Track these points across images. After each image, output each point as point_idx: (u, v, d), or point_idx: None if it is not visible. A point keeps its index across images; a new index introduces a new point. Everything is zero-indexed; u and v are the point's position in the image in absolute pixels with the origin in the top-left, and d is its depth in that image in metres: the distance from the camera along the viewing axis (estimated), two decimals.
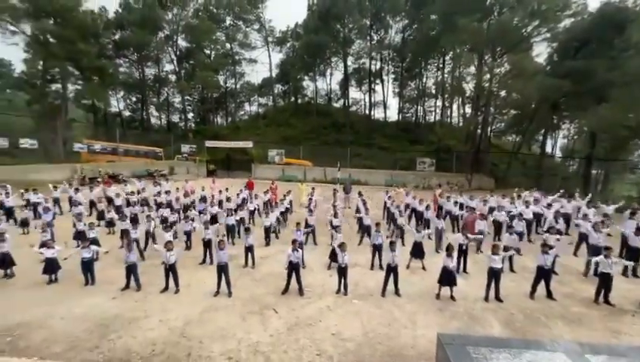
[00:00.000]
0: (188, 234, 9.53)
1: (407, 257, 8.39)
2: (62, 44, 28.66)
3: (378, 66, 41.71)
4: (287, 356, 4.69)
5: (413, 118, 43.84)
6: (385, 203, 13.26)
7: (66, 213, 12.57)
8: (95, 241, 7.97)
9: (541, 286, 6.75)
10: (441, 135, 34.01)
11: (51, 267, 6.89)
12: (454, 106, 42.69)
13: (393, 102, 74.70)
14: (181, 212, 11.71)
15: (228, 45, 44.68)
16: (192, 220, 9.84)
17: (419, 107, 43.61)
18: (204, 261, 8.35)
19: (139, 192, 14.34)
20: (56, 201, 12.79)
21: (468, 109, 34.15)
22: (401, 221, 9.68)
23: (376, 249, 8.17)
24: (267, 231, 10.04)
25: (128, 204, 13.08)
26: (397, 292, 6.73)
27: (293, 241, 6.94)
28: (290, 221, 12.33)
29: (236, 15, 43.58)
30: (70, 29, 28.74)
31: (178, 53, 42.76)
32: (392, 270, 6.71)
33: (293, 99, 48.39)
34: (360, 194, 13.68)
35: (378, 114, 45.47)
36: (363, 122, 41.82)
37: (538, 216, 11.48)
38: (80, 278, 6.91)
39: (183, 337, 5.10)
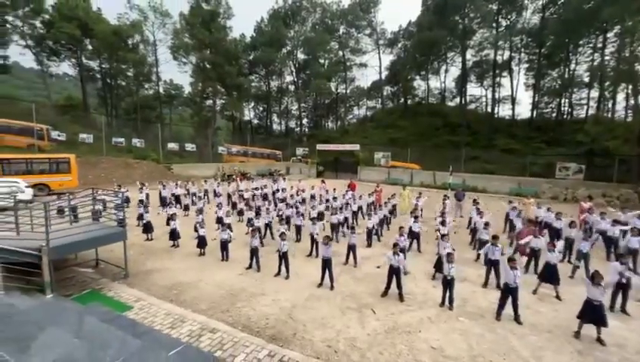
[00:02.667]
0: (298, 227, 10.59)
1: (534, 280, 7.05)
2: (214, 68, 36.26)
3: (506, 56, 36.10)
4: (382, 357, 4.68)
5: (554, 115, 35.98)
6: (507, 214, 11.41)
7: (211, 202, 15.87)
8: (229, 227, 9.83)
9: None
10: (595, 134, 26.58)
11: (202, 243, 8.91)
12: (619, 97, 32.73)
13: (524, 97, 63.22)
14: (294, 206, 13.06)
15: (340, 53, 47.14)
16: (303, 215, 10.89)
17: (563, 100, 35.48)
18: (310, 253, 9.13)
19: (261, 188, 16.82)
20: (205, 192, 16.28)
21: None
22: (534, 242, 8.07)
23: (492, 264, 7.16)
24: (370, 232, 10.15)
25: (253, 198, 15.50)
26: (517, 318, 5.74)
27: (395, 245, 6.82)
28: (394, 225, 12.09)
29: (349, 23, 45.51)
30: (220, 56, 36.05)
31: (297, 65, 47.75)
32: (510, 291, 5.76)
33: (402, 100, 47.06)
34: (475, 202, 12.20)
35: (503, 111, 39.45)
36: (483, 121, 37.04)
37: None
38: (218, 254, 8.65)
39: (290, 318, 5.75)
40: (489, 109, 39.49)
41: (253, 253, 8.03)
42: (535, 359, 4.77)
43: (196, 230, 9.53)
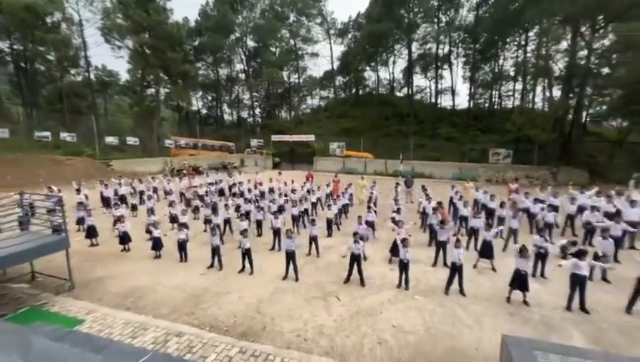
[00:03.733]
0: (259, 222, 10.54)
1: (474, 256, 8.02)
2: (155, 54, 33.29)
3: (446, 50, 38.81)
4: (349, 340, 5.03)
5: (487, 105, 39.90)
6: (451, 198, 12.61)
7: (161, 200, 14.90)
8: (186, 226, 9.41)
9: None
10: (520, 123, 30.20)
11: (157, 245, 8.43)
12: (538, 89, 37.41)
13: (463, 89, 68.86)
14: (253, 201, 12.90)
15: (292, 41, 46.37)
16: (263, 209, 10.84)
17: (493, 92, 39.46)
18: (273, 247, 9.19)
19: (216, 183, 16.24)
20: (155, 190, 15.23)
21: (556, 92, 29.60)
22: (473, 222, 9.14)
23: (441, 246, 7.96)
24: (330, 222, 10.49)
25: (207, 193, 14.93)
26: (462, 291, 6.54)
27: (355, 233, 7.21)
28: (352, 213, 12.63)
29: (299, 10, 44.81)
30: (161, 41, 33.15)
31: (247, 52, 45.94)
32: (457, 268, 6.52)
33: (354, 90, 48.17)
34: (424, 188, 13.25)
35: (445, 102, 42.60)
36: (428, 111, 39.66)
37: None
38: (176, 256, 8.29)
39: (257, 313, 5.83)
40: (433, 100, 42.38)
41: (215, 251, 7.86)
42: (477, 324, 5.51)
43: (149, 231, 8.97)
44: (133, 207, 12.65)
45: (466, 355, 4.71)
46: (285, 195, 13.84)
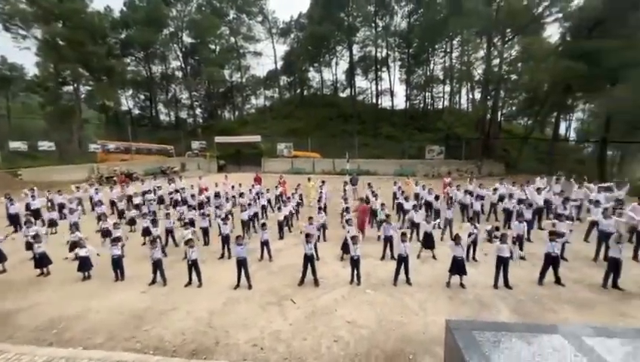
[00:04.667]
0: (205, 230, 9.96)
1: (417, 247, 8.66)
2: (72, 47, 29.22)
3: (384, 54, 41.15)
4: (307, 342, 5.05)
5: (421, 106, 43.35)
6: (394, 194, 13.44)
7: (88, 213, 13.18)
8: (120, 240, 8.46)
9: (550, 273, 6.93)
10: (449, 122, 33.62)
11: (85, 265, 7.42)
12: (463, 92, 41.98)
13: (400, 90, 73.83)
14: (197, 209, 12.15)
15: (232, 39, 44.67)
16: (209, 216, 10.26)
17: (426, 94, 43.07)
18: (222, 256, 8.77)
19: (155, 190, 14.92)
20: (79, 202, 13.41)
21: (477, 95, 33.52)
22: (411, 214, 9.87)
23: (387, 240, 8.44)
24: (281, 225, 10.39)
25: (145, 202, 13.65)
26: (408, 281, 7.02)
27: (307, 235, 7.26)
28: (302, 214, 12.67)
29: (239, 8, 43.37)
30: (79, 31, 29.22)
31: (183, 49, 42.99)
32: (403, 260, 6.98)
33: (299, 90, 48.34)
34: (369, 185, 13.89)
35: (385, 102, 45.14)
36: (370, 111, 41.59)
37: (548, 203, 11.50)
38: (111, 274, 7.40)
39: (209, 327, 5.52)
40: (374, 100, 44.63)
41: (156, 265, 7.22)
42: (422, 310, 5.98)
43: (72, 249, 7.87)
44: (51, 223, 10.95)
45: (415, 340, 5.07)
46: (233, 198, 13.34)
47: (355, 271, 7.07)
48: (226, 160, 32.35)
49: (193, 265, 7.10)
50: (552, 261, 6.88)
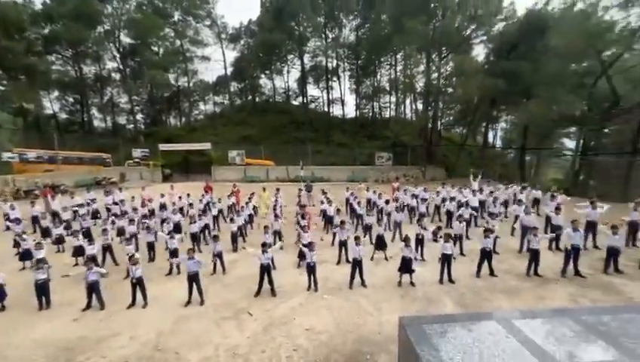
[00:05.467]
0: (150, 245, 9.21)
1: (371, 249, 9.01)
2: None
3: (334, 64, 42.57)
4: (265, 355, 4.93)
5: (370, 115, 45.54)
6: (347, 199, 13.85)
7: (1, 234, 11.32)
8: (43, 261, 7.41)
9: (486, 266, 7.73)
10: (396, 130, 35.85)
11: None
12: (407, 102, 45.12)
13: (350, 99, 76.75)
14: (140, 222, 11.20)
15: (178, 42, 42.44)
16: (154, 230, 9.50)
17: (374, 103, 45.42)
18: (170, 271, 8.18)
19: (88, 204, 13.40)
20: None
21: (419, 105, 36.30)
22: (367, 219, 10.29)
23: (342, 244, 8.66)
24: (234, 235, 10.02)
25: (76, 217, 12.19)
26: (363, 283, 7.27)
27: (263, 244, 7.14)
28: (256, 223, 12.40)
29: (185, 10, 41.47)
30: None
31: (122, 49, 39.64)
32: (357, 263, 7.22)
33: (250, 97, 47.55)
34: (323, 192, 14.14)
35: (337, 111, 46.54)
36: (322, 119, 42.52)
37: (483, 203, 12.85)
38: (33, 302, 6.43)
39: (157, 350, 5.09)
40: (326, 109, 45.76)
41: (92, 288, 6.46)
42: (377, 310, 6.23)
43: None
44: None
45: (372, 341, 5.26)
46: (181, 209, 12.55)
47: (312, 278, 7.12)
48: (172, 169, 30.34)
49: (137, 284, 6.50)
50: (486, 255, 7.70)
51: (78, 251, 8.55)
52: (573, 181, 21.91)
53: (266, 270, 6.90)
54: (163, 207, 13.08)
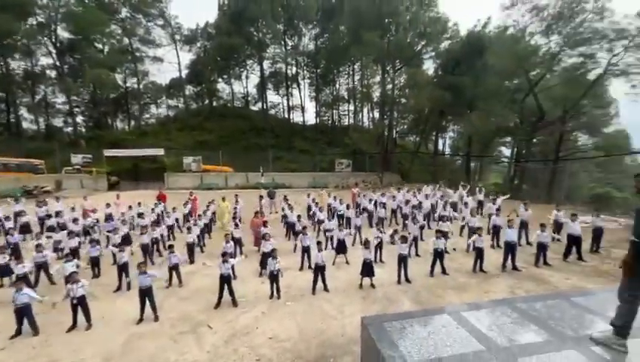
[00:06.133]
0: (95, 259, 8.40)
1: (332, 254, 9.18)
2: None
3: (294, 71, 42.93)
4: None
5: (330, 122, 46.51)
6: (309, 206, 13.97)
7: None
8: None
9: (438, 265, 8.31)
10: (354, 138, 37.07)
11: None
12: (365, 111, 46.97)
13: (310, 106, 77.73)
14: (83, 235, 10.21)
15: (126, 40, 39.63)
16: (98, 243, 8.69)
17: (334, 111, 46.53)
18: (119, 288, 7.53)
19: (17, 216, 11.84)
20: None
21: (376, 114, 38.00)
22: (328, 225, 10.46)
23: (305, 250, 8.71)
24: (191, 246, 9.54)
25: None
26: (326, 288, 7.37)
27: (224, 254, 6.92)
28: (215, 232, 11.97)
29: (134, 7, 38.98)
30: None
31: (59, 45, 35.93)
32: (320, 269, 7.31)
33: (207, 101, 45.87)
34: (285, 198, 14.11)
35: (297, 117, 46.80)
36: (283, 125, 42.46)
37: (434, 207, 13.80)
38: None
39: None
40: (286, 115, 45.79)
41: (22, 313, 5.71)
42: (340, 314, 6.36)
43: None
44: None
45: (335, 344, 5.35)
46: (131, 219, 11.67)
47: (275, 285, 7.05)
48: (119, 176, 28.01)
49: (79, 304, 5.89)
50: (438, 255, 8.28)
51: (3, 271, 7.52)
52: (510, 185, 24.47)
53: (226, 280, 6.69)
54: (109, 217, 12.03)
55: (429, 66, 34.01)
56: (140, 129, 40.94)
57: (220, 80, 45.22)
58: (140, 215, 11.97)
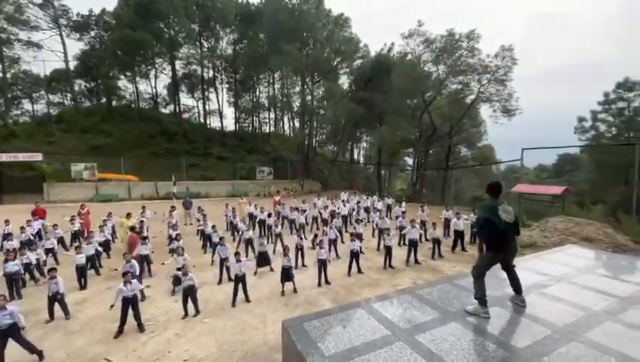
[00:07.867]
0: None
1: (254, 263, 8.99)
2: None
3: (211, 75, 40.74)
4: None
5: (250, 129, 45.53)
6: (226, 215, 13.38)
7: None
8: None
9: (355, 265, 8.96)
10: (275, 145, 37.16)
11: None
12: (285, 119, 47.61)
13: (229, 112, 74.84)
14: None
15: None
16: None
17: (255, 118, 45.76)
18: None
19: None
20: None
21: (297, 123, 38.88)
22: (247, 234, 10.20)
23: (223, 262, 8.30)
24: (81, 269, 8.05)
25: None
26: (247, 299, 7.17)
27: (125, 274, 6.08)
28: (114, 250, 10.40)
29: None
30: None
31: None
32: (240, 279, 7.08)
33: (104, 100, 39.71)
34: (200, 209, 13.21)
35: (214, 123, 44.37)
36: (198, 131, 39.66)
37: (350, 212, 14.85)
38: None
39: None
40: (202, 120, 42.91)
41: None
42: (262, 323, 6.26)
43: None
44: None
45: (257, 354, 5.25)
46: None
47: (190, 302, 6.52)
48: None
49: None
50: (355, 256, 8.94)
51: None
52: (412, 190, 28.12)
53: (130, 303, 5.88)
54: None
55: (344, 81, 36.70)
56: (7, 128, 32.75)
57: (121, 77, 39.77)
58: (6, 236, 9.54)
